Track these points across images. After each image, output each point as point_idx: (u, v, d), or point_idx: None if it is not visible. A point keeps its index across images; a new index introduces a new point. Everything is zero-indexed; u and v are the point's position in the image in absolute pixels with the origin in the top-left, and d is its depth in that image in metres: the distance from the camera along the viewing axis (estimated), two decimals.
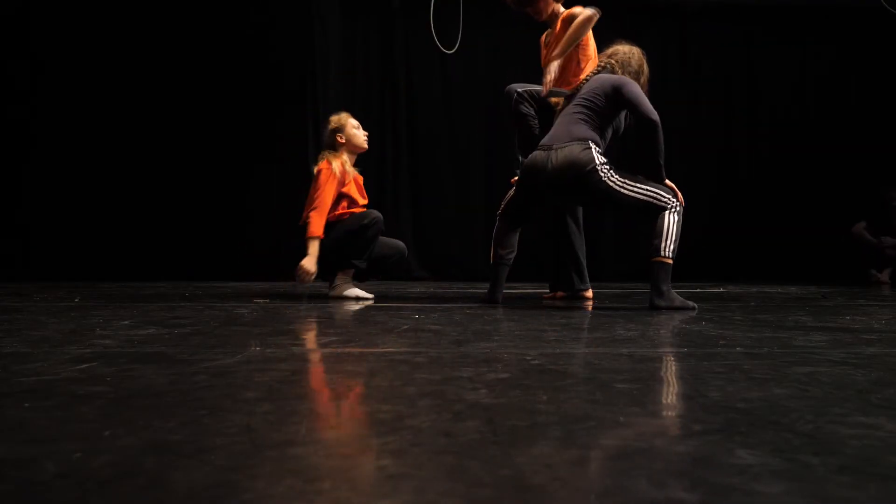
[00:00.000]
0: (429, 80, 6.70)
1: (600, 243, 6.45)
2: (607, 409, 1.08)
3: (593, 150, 2.99)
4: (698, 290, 4.64)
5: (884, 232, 6.13)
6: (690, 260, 6.44)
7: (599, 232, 6.46)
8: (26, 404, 1.09)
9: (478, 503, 0.69)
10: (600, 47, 3.49)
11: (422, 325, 2.28)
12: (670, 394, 1.23)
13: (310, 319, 2.56)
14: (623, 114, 3.30)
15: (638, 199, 2.96)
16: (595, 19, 3.36)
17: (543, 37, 3.81)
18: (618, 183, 2.96)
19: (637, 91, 3.11)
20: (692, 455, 0.83)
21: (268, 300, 3.48)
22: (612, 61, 3.29)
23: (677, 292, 2.98)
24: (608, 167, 2.99)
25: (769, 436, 0.92)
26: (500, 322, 2.40)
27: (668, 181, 3.07)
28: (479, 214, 6.62)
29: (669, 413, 1.08)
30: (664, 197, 2.98)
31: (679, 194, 3.05)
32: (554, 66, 3.32)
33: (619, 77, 3.18)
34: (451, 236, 6.70)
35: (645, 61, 3.37)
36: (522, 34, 6.81)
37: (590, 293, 3.80)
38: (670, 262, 2.92)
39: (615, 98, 3.12)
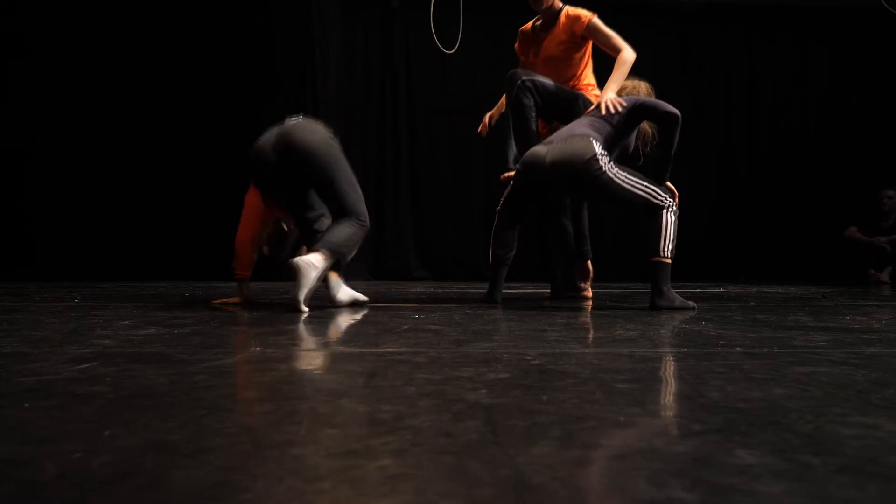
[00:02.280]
0: (429, 80, 6.70)
1: (600, 243, 6.46)
2: (607, 409, 1.08)
3: (594, 142, 2.99)
4: (698, 290, 4.64)
5: (876, 233, 6.13)
6: (690, 260, 6.46)
7: (600, 232, 6.46)
8: (26, 404, 1.09)
9: (478, 503, 0.69)
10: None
11: (422, 325, 2.28)
12: (670, 394, 1.23)
13: (310, 319, 2.56)
14: (634, 135, 3.31)
15: (635, 193, 2.96)
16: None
17: (528, 27, 3.77)
18: (618, 176, 2.96)
19: (655, 99, 3.23)
20: (692, 455, 0.83)
21: (267, 300, 3.48)
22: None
23: (677, 292, 2.99)
24: (608, 159, 2.99)
25: (769, 436, 0.92)
26: (500, 322, 2.40)
27: (668, 183, 3.08)
28: (479, 214, 6.61)
29: (669, 413, 1.08)
30: (661, 195, 2.98)
31: (676, 195, 3.06)
32: (611, 97, 3.19)
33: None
34: (451, 236, 6.70)
35: (653, 93, 3.39)
36: None
37: (589, 293, 3.80)
38: (669, 261, 2.93)
39: (634, 110, 3.14)
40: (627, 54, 3.37)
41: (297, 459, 0.82)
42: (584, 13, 3.51)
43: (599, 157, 2.94)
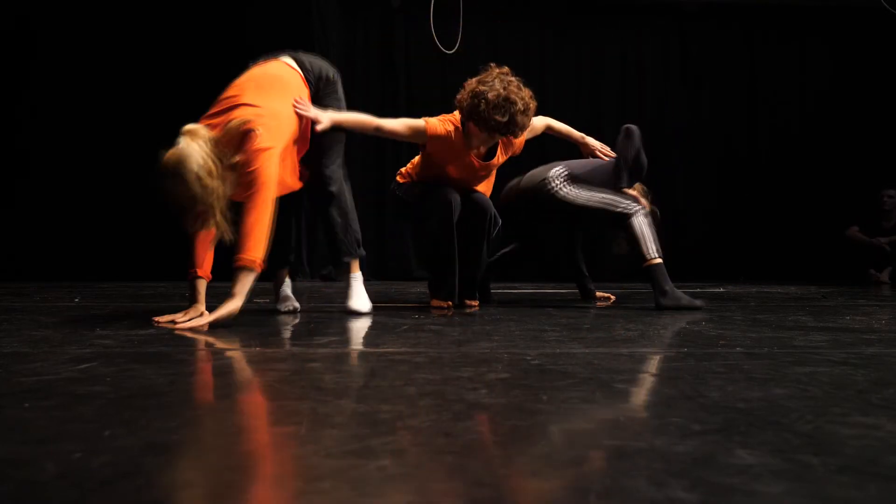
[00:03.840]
0: (429, 80, 6.69)
1: (600, 243, 6.45)
2: (607, 409, 1.08)
3: (551, 168, 3.22)
4: (698, 290, 4.64)
5: (877, 234, 6.14)
6: (691, 260, 6.46)
7: (600, 232, 6.45)
8: (26, 404, 1.09)
9: (478, 503, 0.69)
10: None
11: (422, 325, 2.28)
12: (670, 394, 1.23)
13: (310, 320, 2.56)
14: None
15: (593, 206, 3.09)
16: None
17: (457, 138, 3.05)
18: (571, 193, 3.13)
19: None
20: (692, 455, 0.83)
21: (268, 300, 3.47)
22: None
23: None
24: (560, 179, 3.17)
25: (769, 436, 0.92)
26: (500, 322, 2.40)
27: (629, 190, 3.17)
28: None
29: (669, 413, 1.08)
30: (622, 203, 3.05)
31: (641, 200, 3.14)
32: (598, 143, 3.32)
33: None
34: None
35: None
36: (522, 34, 6.82)
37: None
38: (660, 261, 2.95)
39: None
40: (547, 119, 3.29)
41: (297, 459, 0.82)
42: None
43: (550, 180, 3.16)
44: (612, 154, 3.29)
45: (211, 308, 2.31)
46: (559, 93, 6.51)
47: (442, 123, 3.03)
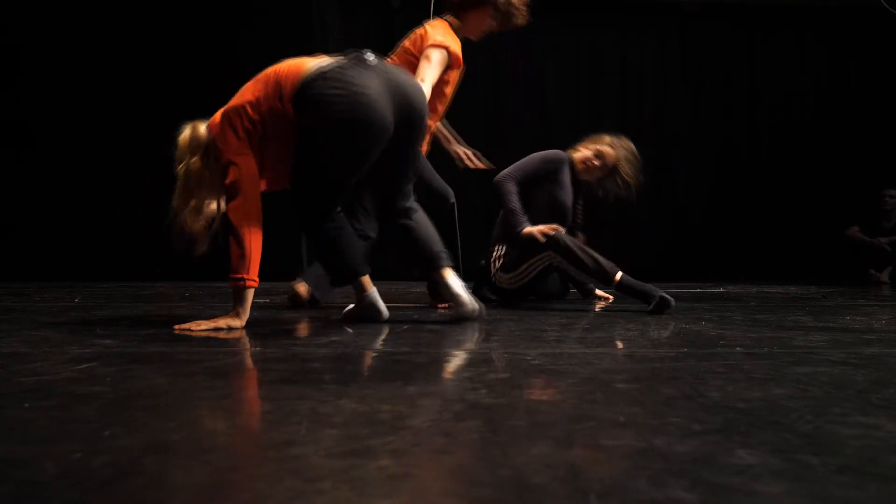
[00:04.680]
0: None
1: (600, 244, 6.44)
2: (607, 409, 1.08)
3: (492, 260, 3.33)
4: (698, 290, 4.64)
5: (877, 234, 6.14)
6: (691, 260, 6.46)
7: (600, 233, 6.44)
8: (26, 404, 1.09)
9: (478, 503, 0.69)
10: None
11: (422, 326, 2.28)
12: (670, 394, 1.23)
13: (310, 319, 2.56)
14: (551, 190, 3.39)
15: (527, 279, 3.16)
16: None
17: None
18: (511, 281, 3.20)
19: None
20: (692, 455, 0.83)
21: (268, 300, 3.48)
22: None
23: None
24: (499, 272, 3.26)
25: (769, 436, 0.92)
26: (500, 322, 2.40)
27: (528, 229, 3.06)
28: (477, 214, 6.60)
29: (669, 413, 1.08)
30: (541, 258, 3.07)
31: (536, 233, 3.03)
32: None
33: None
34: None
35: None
36: (522, 33, 6.82)
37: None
38: (619, 276, 2.91)
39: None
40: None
41: (297, 459, 0.82)
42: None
43: (492, 274, 3.30)
44: (477, 163, 3.46)
45: (209, 309, 2.32)
46: (559, 93, 6.51)
47: (445, 34, 3.04)
